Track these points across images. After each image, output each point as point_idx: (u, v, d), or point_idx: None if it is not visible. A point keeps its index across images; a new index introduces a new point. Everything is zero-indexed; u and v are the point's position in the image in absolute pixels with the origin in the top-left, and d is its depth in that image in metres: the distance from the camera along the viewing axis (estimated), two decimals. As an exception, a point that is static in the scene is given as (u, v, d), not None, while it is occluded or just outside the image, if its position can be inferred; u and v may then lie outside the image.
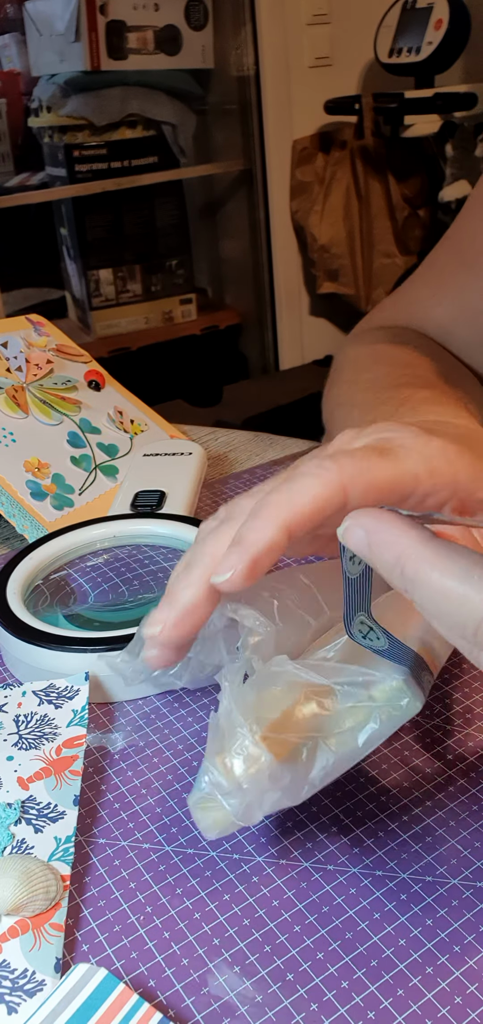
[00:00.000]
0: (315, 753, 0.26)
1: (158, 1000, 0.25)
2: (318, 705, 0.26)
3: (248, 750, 0.26)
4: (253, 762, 0.26)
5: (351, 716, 0.27)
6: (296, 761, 0.26)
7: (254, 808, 0.26)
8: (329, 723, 0.27)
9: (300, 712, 0.26)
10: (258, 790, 0.26)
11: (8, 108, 2.09)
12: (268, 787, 0.26)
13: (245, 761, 0.26)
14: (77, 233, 2.12)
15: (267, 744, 0.26)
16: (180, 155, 2.14)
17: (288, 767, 0.26)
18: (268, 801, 0.26)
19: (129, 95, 2.04)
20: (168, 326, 2.20)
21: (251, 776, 0.26)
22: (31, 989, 0.25)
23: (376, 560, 0.24)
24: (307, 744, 0.26)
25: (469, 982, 0.24)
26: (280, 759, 0.26)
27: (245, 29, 2.08)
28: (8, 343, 0.58)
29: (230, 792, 0.26)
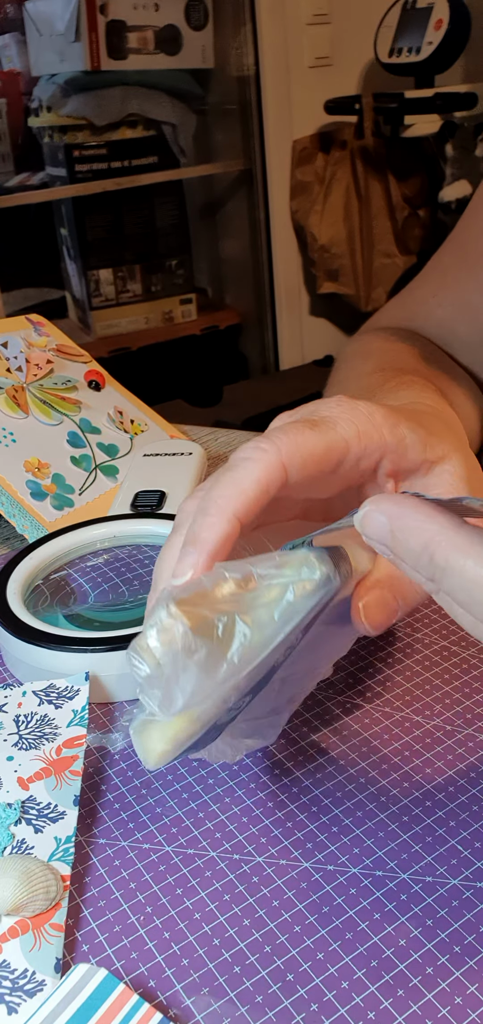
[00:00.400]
0: (232, 630, 0.26)
1: (158, 1000, 0.25)
2: (235, 585, 0.26)
3: (163, 622, 0.25)
4: (166, 632, 0.25)
5: (266, 593, 0.26)
6: (211, 636, 0.25)
7: (174, 689, 0.25)
8: (245, 600, 0.26)
9: (217, 592, 0.26)
10: (173, 664, 0.25)
11: (8, 108, 2.09)
12: (184, 661, 0.25)
13: (159, 633, 0.25)
14: (77, 233, 2.12)
15: (182, 615, 0.25)
16: (180, 155, 2.14)
17: (203, 640, 0.25)
18: (187, 681, 0.25)
19: (129, 95, 2.04)
20: (168, 326, 2.20)
21: (165, 646, 0.25)
22: (31, 989, 0.25)
23: (400, 547, 0.24)
24: (222, 619, 0.25)
25: (469, 982, 0.24)
26: (195, 630, 0.25)
27: (245, 29, 2.08)
28: (8, 343, 0.58)
29: (151, 679, 0.25)
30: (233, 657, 0.26)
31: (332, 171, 2.10)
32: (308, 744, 0.33)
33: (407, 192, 2.06)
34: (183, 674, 0.25)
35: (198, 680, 0.25)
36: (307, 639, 0.28)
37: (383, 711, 0.34)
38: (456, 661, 0.37)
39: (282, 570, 0.26)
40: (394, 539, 0.24)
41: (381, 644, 0.38)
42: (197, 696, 0.25)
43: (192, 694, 0.25)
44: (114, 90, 2.02)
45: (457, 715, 0.34)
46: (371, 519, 0.24)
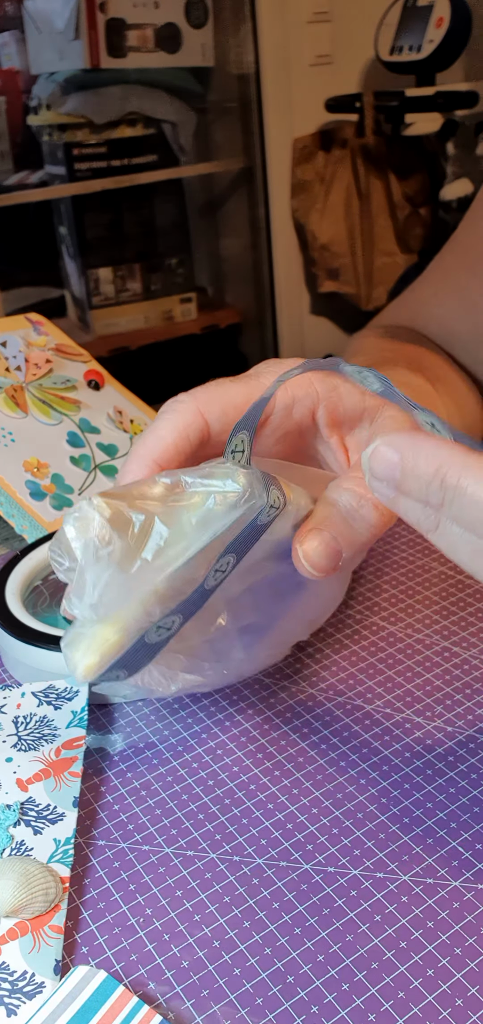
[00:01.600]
0: (149, 529, 0.25)
1: (158, 1003, 0.25)
2: (163, 488, 0.26)
3: (82, 510, 0.25)
4: (83, 520, 0.25)
5: (188, 499, 0.26)
6: (127, 532, 0.25)
7: (86, 578, 0.25)
8: (167, 503, 0.26)
9: (143, 491, 0.26)
10: (86, 554, 0.25)
11: (7, 106, 2.09)
12: (96, 549, 0.24)
13: (76, 521, 0.25)
14: (76, 232, 2.11)
15: (101, 507, 0.25)
16: (180, 153, 2.14)
17: (118, 534, 0.25)
18: (100, 572, 0.24)
19: (129, 93, 2.04)
20: (168, 325, 2.20)
21: (81, 534, 0.24)
22: (30, 991, 0.25)
23: (408, 478, 0.24)
24: (140, 517, 0.25)
25: (470, 984, 0.24)
26: (111, 522, 0.25)
27: (245, 27, 2.07)
28: (7, 342, 0.57)
29: (67, 572, 0.25)
30: (147, 554, 0.25)
31: (333, 169, 2.10)
32: (308, 745, 0.33)
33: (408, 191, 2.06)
34: (96, 564, 0.25)
35: (111, 574, 0.24)
36: (247, 568, 0.28)
37: (384, 712, 0.34)
38: (457, 662, 0.37)
39: (208, 480, 0.26)
40: (403, 473, 0.24)
41: (382, 645, 0.38)
42: (111, 591, 0.25)
43: (106, 587, 0.24)
44: (114, 88, 2.02)
45: (458, 716, 0.34)
46: (381, 455, 0.25)
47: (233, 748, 0.33)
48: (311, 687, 0.36)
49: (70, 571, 0.25)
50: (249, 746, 0.33)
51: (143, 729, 0.35)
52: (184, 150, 2.14)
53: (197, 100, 2.16)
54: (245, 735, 0.34)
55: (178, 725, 0.35)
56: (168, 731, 0.34)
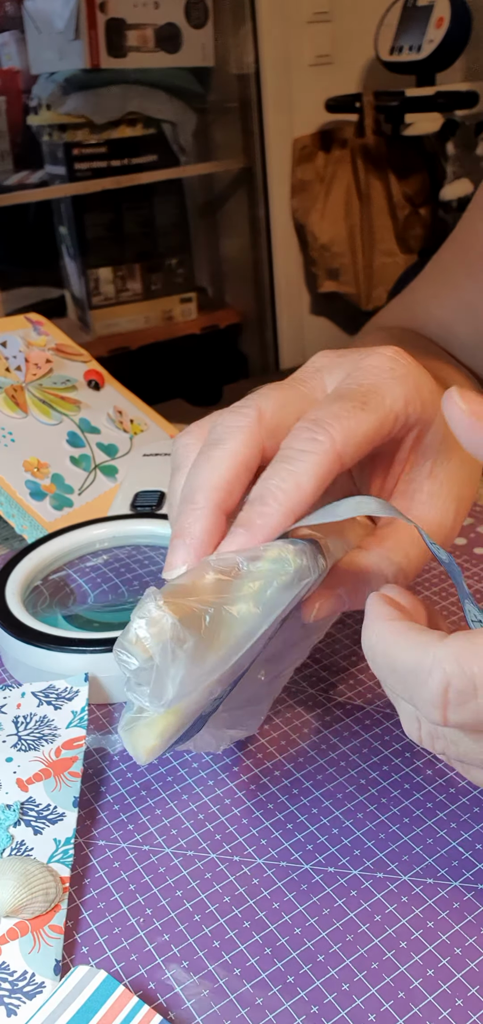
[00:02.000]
0: (218, 620, 0.26)
1: (158, 1002, 0.25)
2: (221, 574, 0.26)
3: (151, 614, 0.25)
4: (155, 623, 0.25)
5: (249, 585, 0.26)
6: (199, 627, 0.26)
7: (165, 680, 0.25)
8: (229, 591, 0.26)
9: (203, 584, 0.26)
10: (163, 655, 0.25)
11: (7, 106, 2.09)
12: (174, 651, 0.25)
13: (148, 625, 0.25)
14: (77, 232, 2.11)
15: (170, 608, 0.25)
16: (180, 153, 2.14)
17: (191, 631, 0.25)
18: (177, 671, 0.25)
19: (129, 93, 2.04)
20: (168, 325, 2.20)
21: (155, 637, 0.25)
22: (30, 991, 0.25)
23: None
24: (209, 610, 0.26)
25: (470, 984, 0.24)
26: (183, 622, 0.25)
27: (245, 27, 2.07)
28: (7, 342, 0.57)
29: (140, 672, 0.25)
30: (220, 647, 0.26)
31: (333, 170, 2.10)
32: (308, 745, 0.33)
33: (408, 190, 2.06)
34: (173, 665, 0.25)
35: (187, 670, 0.25)
36: (283, 626, 0.29)
37: (384, 712, 0.34)
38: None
39: (261, 563, 0.27)
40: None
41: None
42: (186, 686, 0.26)
43: (182, 684, 0.25)
44: (114, 88, 2.02)
45: (458, 716, 0.34)
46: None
47: (233, 748, 0.33)
48: (311, 687, 0.36)
49: (141, 671, 0.26)
50: (249, 746, 0.33)
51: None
52: (184, 150, 2.14)
53: (197, 100, 2.16)
54: (246, 735, 0.34)
55: (178, 725, 0.35)
56: (168, 731, 0.34)
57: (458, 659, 0.22)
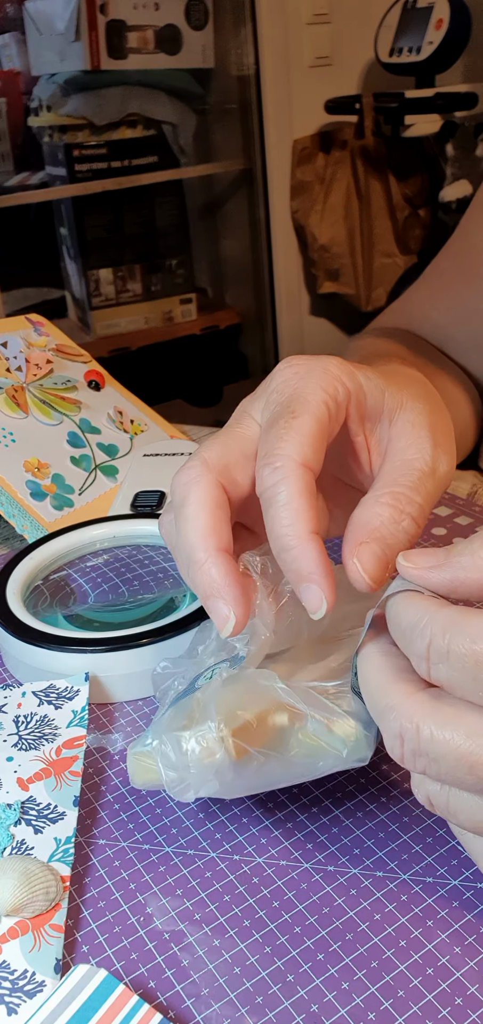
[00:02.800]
0: (263, 767, 0.27)
1: (158, 1001, 0.25)
2: (288, 720, 0.27)
3: (209, 742, 0.26)
4: (209, 754, 0.26)
5: (308, 746, 0.27)
6: (245, 765, 0.27)
7: (189, 790, 0.27)
8: (287, 743, 0.27)
9: (268, 722, 0.27)
10: (201, 776, 0.27)
11: (8, 107, 2.09)
12: (211, 777, 0.26)
13: (202, 751, 0.26)
14: (77, 233, 2.12)
15: (227, 745, 0.26)
16: (180, 155, 2.14)
17: (235, 766, 0.26)
18: (205, 790, 0.27)
19: (129, 95, 2.04)
20: (168, 326, 2.20)
21: (201, 764, 0.26)
22: (31, 990, 0.25)
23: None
24: (259, 758, 0.27)
25: (470, 983, 0.24)
26: (234, 757, 0.26)
27: (245, 29, 2.07)
28: (8, 343, 0.58)
29: (173, 767, 0.27)
30: (253, 784, 0.27)
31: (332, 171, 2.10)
32: (308, 744, 0.33)
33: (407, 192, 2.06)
34: (205, 785, 0.27)
35: (215, 791, 0.27)
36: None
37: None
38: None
39: (333, 731, 0.27)
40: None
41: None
42: (205, 795, 0.27)
43: (204, 794, 0.27)
44: (114, 90, 2.02)
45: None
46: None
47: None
48: (311, 687, 0.36)
49: (177, 767, 0.27)
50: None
51: (143, 728, 0.35)
52: (184, 151, 2.14)
53: (197, 101, 2.16)
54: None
55: (178, 725, 0.35)
56: (168, 731, 0.35)
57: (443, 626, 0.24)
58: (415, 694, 0.24)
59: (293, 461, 0.27)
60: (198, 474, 0.29)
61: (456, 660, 0.23)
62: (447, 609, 0.24)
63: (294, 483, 0.27)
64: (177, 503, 0.29)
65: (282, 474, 0.27)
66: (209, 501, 0.28)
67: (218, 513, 0.28)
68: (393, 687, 0.25)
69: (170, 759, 0.27)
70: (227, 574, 0.28)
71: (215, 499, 0.29)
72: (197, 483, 0.29)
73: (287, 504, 0.27)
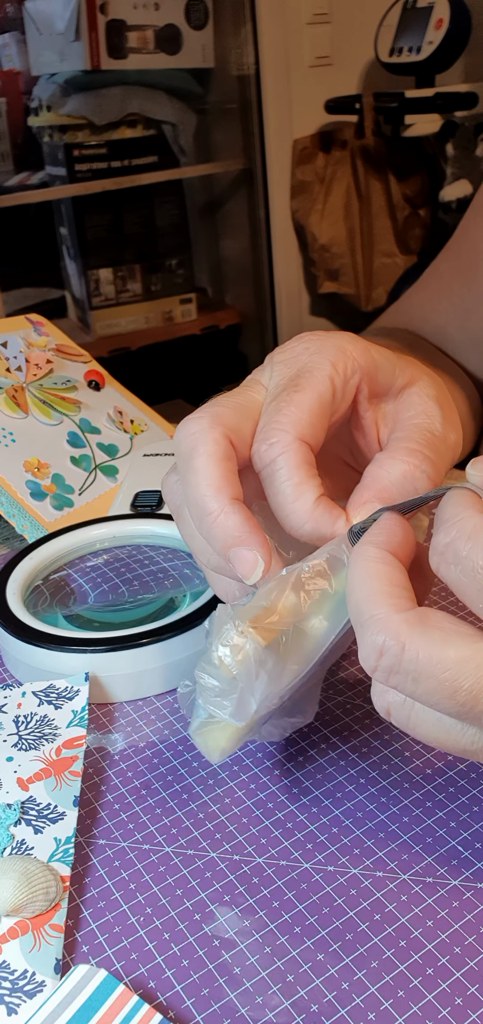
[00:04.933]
0: (293, 640, 0.27)
1: (158, 1001, 0.25)
2: (295, 597, 0.27)
3: (233, 641, 0.27)
4: (238, 650, 0.27)
5: (321, 604, 0.28)
6: (277, 647, 0.27)
7: (247, 697, 0.27)
8: (304, 611, 0.28)
9: (280, 605, 0.27)
10: (247, 677, 0.27)
11: (8, 107, 2.09)
12: (255, 672, 0.27)
13: (232, 651, 0.27)
14: (77, 232, 2.12)
15: (251, 634, 0.27)
16: (180, 154, 2.14)
17: (270, 652, 0.27)
18: (258, 688, 0.27)
19: (129, 94, 2.04)
20: (168, 326, 2.20)
21: (239, 663, 0.27)
22: (31, 990, 0.25)
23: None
24: (288, 631, 0.27)
25: (470, 983, 0.24)
26: (263, 646, 0.27)
27: (245, 28, 2.07)
28: (8, 343, 0.58)
29: (223, 691, 0.27)
30: (295, 662, 0.28)
31: (332, 171, 2.10)
32: (308, 744, 0.33)
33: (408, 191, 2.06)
34: (256, 683, 0.27)
35: (267, 687, 0.27)
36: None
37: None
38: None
39: (334, 581, 0.28)
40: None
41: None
42: (266, 701, 0.27)
43: (261, 695, 0.27)
44: (114, 89, 2.02)
45: (457, 715, 0.34)
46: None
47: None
48: (311, 687, 0.36)
49: (224, 692, 0.27)
50: (249, 745, 0.33)
51: (143, 728, 0.35)
52: (184, 151, 2.14)
53: (197, 101, 2.16)
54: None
55: (178, 724, 0.35)
56: (168, 730, 0.35)
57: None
58: (403, 612, 0.24)
59: (289, 435, 0.28)
60: (207, 425, 0.28)
61: (469, 567, 0.23)
62: (481, 517, 0.24)
63: (292, 457, 0.27)
64: (185, 454, 0.28)
65: (279, 449, 0.27)
66: (218, 451, 0.28)
67: (228, 464, 0.28)
68: (381, 599, 0.24)
69: (216, 687, 0.27)
70: (246, 519, 0.27)
71: (224, 451, 0.28)
72: (206, 433, 0.28)
73: (288, 479, 0.27)
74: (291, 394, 0.28)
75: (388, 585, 0.25)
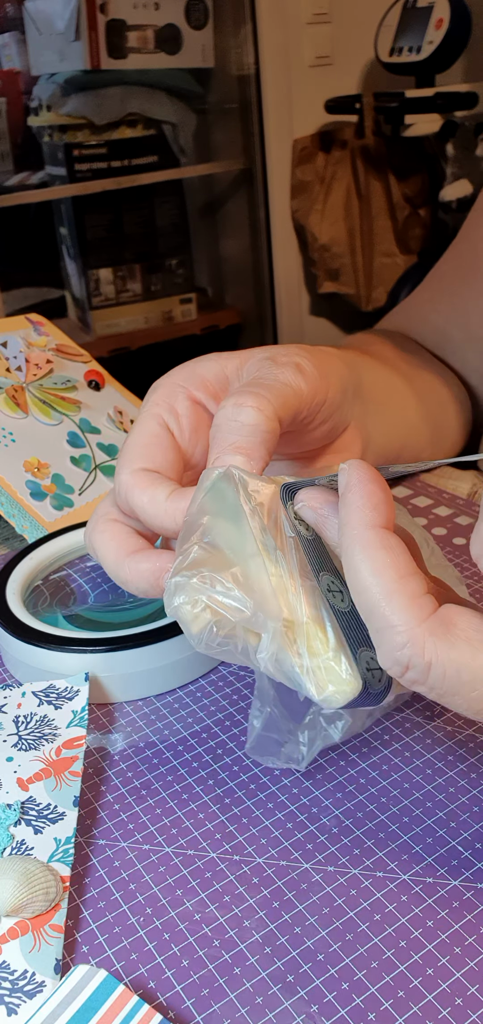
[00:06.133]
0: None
1: (158, 1001, 0.25)
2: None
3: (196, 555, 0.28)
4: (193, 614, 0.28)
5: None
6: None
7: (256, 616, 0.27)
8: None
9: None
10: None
11: (8, 107, 2.09)
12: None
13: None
14: (77, 232, 2.12)
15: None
16: (180, 154, 2.14)
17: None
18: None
19: (129, 94, 2.04)
20: (168, 326, 2.20)
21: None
22: (31, 990, 0.25)
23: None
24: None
25: (470, 984, 0.24)
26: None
27: (245, 28, 2.07)
28: (8, 343, 0.58)
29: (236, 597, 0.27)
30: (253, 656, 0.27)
31: (332, 170, 2.10)
32: (308, 745, 0.33)
33: (408, 191, 2.06)
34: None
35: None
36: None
37: (384, 711, 0.34)
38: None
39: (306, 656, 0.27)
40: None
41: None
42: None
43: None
44: (114, 89, 2.02)
45: (458, 715, 0.34)
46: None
47: (233, 748, 0.33)
48: (311, 687, 0.36)
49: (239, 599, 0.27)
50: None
51: (143, 729, 0.35)
52: (184, 151, 2.14)
53: (197, 101, 2.16)
54: (245, 735, 0.34)
55: (178, 725, 0.35)
56: (168, 731, 0.35)
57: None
58: (426, 620, 0.23)
59: (126, 472, 0.32)
60: (102, 514, 0.33)
61: None
62: None
63: (133, 485, 0.31)
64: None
65: (124, 488, 0.31)
66: (111, 535, 0.32)
67: (123, 532, 0.32)
68: (398, 600, 0.23)
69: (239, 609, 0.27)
70: (145, 561, 0.31)
71: (115, 529, 0.32)
72: (98, 522, 0.33)
73: (137, 496, 0.31)
74: (124, 442, 0.33)
75: (400, 578, 0.23)
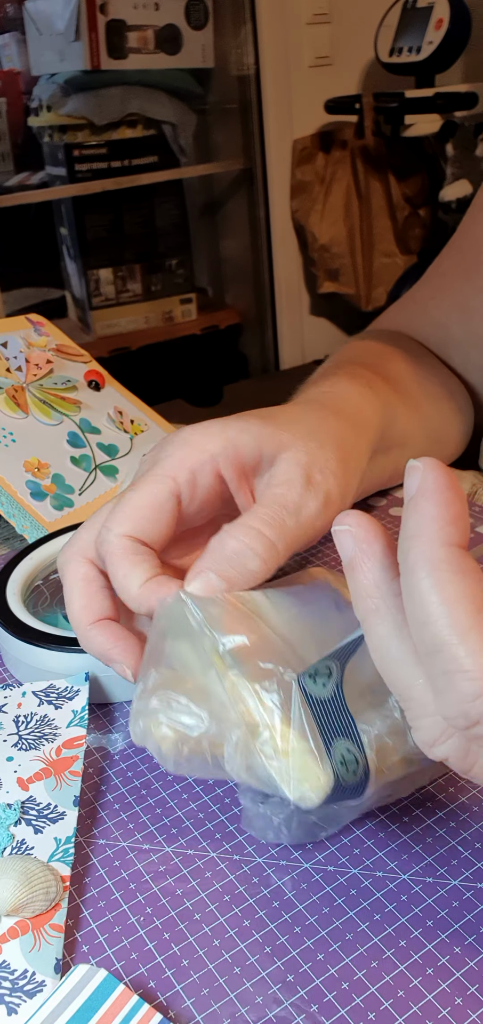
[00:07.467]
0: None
1: (158, 1001, 0.25)
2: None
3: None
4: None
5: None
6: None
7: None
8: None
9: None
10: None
11: (8, 107, 2.09)
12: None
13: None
14: (77, 233, 2.12)
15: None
16: (180, 154, 2.14)
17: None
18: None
19: (129, 94, 2.04)
20: (168, 326, 2.20)
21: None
22: (31, 990, 0.25)
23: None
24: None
25: (469, 983, 0.24)
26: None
27: (245, 28, 2.08)
28: (8, 343, 0.58)
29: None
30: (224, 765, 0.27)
31: (332, 171, 2.10)
32: (308, 744, 0.33)
33: (407, 191, 2.06)
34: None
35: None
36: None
37: (383, 711, 0.34)
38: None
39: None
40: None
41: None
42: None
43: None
44: (114, 89, 2.03)
45: (457, 715, 0.34)
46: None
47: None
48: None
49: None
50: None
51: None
52: (184, 151, 2.14)
53: (197, 101, 2.16)
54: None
55: (178, 725, 0.35)
56: (168, 731, 0.35)
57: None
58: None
59: (113, 533, 0.30)
60: (71, 556, 0.33)
61: None
62: None
63: (115, 553, 0.30)
64: (60, 576, 0.33)
65: (105, 547, 0.30)
66: (81, 580, 0.32)
67: (91, 587, 0.32)
68: (476, 640, 0.20)
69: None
70: (108, 637, 0.31)
71: (86, 575, 0.32)
72: (70, 565, 0.33)
73: (117, 571, 0.30)
74: (126, 493, 0.31)
75: (478, 612, 0.20)
